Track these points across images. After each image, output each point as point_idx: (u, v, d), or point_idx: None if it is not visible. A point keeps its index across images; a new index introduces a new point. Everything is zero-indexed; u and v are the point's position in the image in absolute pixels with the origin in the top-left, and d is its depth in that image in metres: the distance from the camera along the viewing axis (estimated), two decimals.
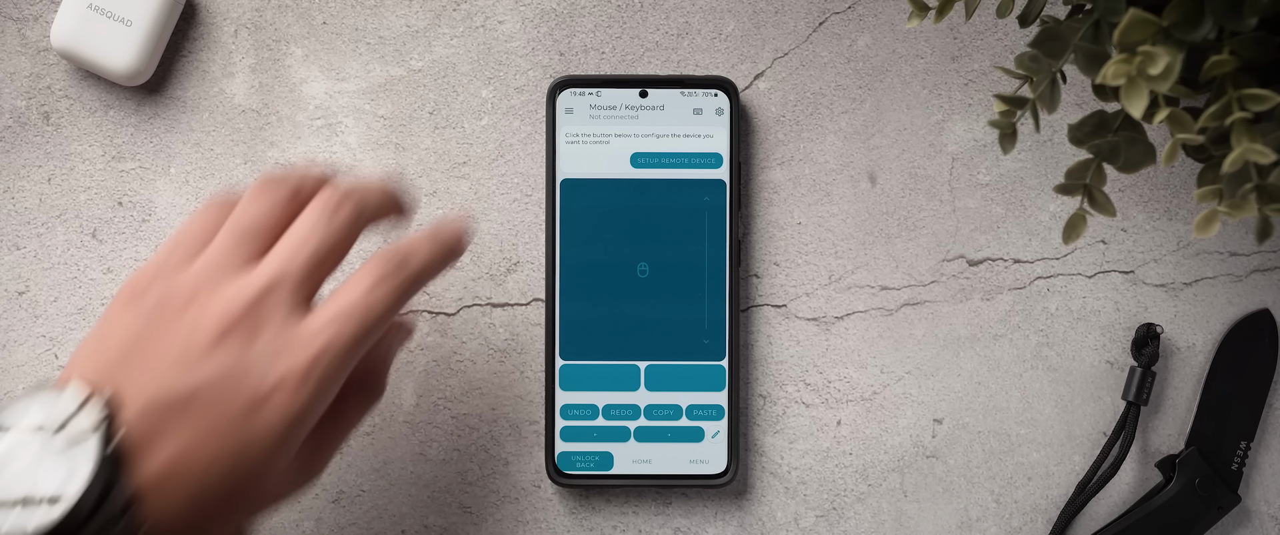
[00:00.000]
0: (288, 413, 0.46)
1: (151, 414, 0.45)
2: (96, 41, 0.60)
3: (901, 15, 0.63)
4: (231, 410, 0.45)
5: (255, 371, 0.46)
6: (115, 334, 0.47)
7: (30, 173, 0.63)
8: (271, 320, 0.46)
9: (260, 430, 0.46)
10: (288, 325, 0.46)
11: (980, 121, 0.63)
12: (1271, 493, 0.63)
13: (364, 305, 0.48)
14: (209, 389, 0.45)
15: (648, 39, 0.63)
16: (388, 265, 0.49)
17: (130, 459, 0.44)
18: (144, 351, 0.46)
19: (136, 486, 0.44)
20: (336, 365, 0.47)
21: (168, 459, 0.45)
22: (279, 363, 0.46)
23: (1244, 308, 0.63)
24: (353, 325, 0.47)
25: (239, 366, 0.46)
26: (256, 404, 0.46)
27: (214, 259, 0.48)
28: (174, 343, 0.46)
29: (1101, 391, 0.63)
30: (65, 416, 0.44)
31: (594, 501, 0.63)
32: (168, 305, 0.47)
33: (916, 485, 0.63)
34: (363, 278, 0.48)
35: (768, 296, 0.63)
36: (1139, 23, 0.42)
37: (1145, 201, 0.63)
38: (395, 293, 0.48)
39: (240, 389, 0.45)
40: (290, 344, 0.46)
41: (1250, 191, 0.43)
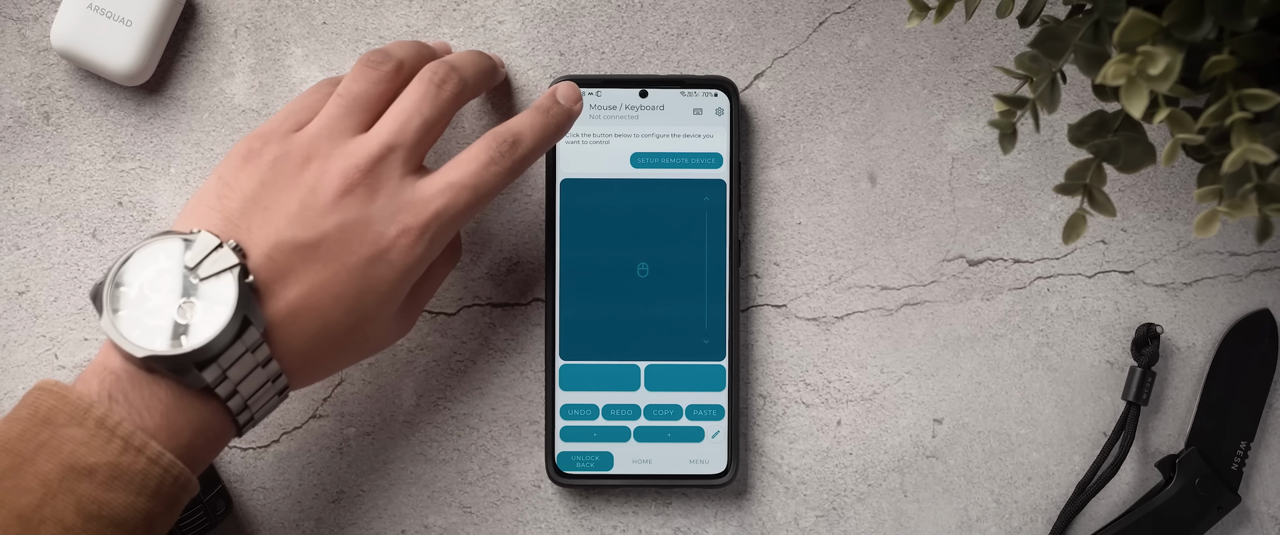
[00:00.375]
0: (405, 262, 0.52)
1: (278, 257, 0.50)
2: (96, 41, 0.60)
3: (901, 15, 0.63)
4: (356, 257, 0.51)
5: (377, 224, 0.51)
6: (235, 188, 0.51)
7: (30, 173, 0.63)
8: (389, 180, 0.52)
9: (381, 276, 0.51)
10: (404, 186, 0.52)
11: (980, 121, 0.63)
12: (1271, 493, 0.63)
13: (477, 179, 0.53)
14: (334, 237, 0.51)
15: (648, 39, 0.63)
16: (501, 145, 0.53)
17: (262, 295, 0.50)
18: (265, 203, 0.51)
19: (268, 319, 0.50)
20: (449, 226, 0.53)
21: (296, 297, 0.50)
22: (400, 218, 0.51)
23: (1244, 308, 0.63)
24: (467, 195, 0.53)
25: (362, 219, 0.51)
26: (379, 253, 0.51)
27: (326, 124, 0.53)
28: (294, 196, 0.51)
29: (1101, 391, 0.63)
30: (200, 258, 0.49)
31: (594, 501, 0.63)
32: (286, 163, 0.52)
33: (916, 485, 0.63)
34: (478, 153, 0.53)
35: (768, 296, 0.63)
36: (1139, 23, 0.42)
37: (1145, 201, 0.63)
38: (506, 171, 0.54)
39: (364, 238, 0.51)
40: (410, 202, 0.52)
41: (1250, 191, 0.43)
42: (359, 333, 0.53)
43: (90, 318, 0.62)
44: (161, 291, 0.49)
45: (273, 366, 0.50)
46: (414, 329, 0.62)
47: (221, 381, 0.49)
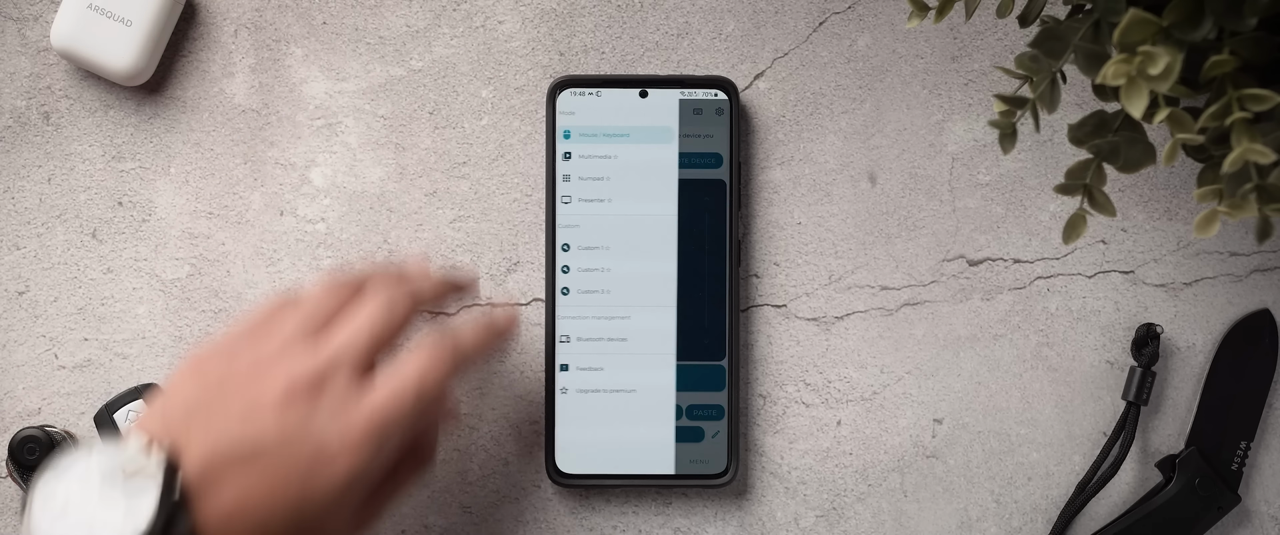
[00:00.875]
0: (349, 470, 0.50)
1: (214, 462, 0.49)
2: (96, 41, 0.60)
3: (901, 15, 0.63)
4: (297, 464, 0.50)
5: (319, 432, 0.50)
6: (178, 397, 0.51)
7: (30, 173, 0.63)
8: (334, 388, 0.51)
9: (323, 484, 0.50)
10: (349, 393, 0.51)
11: (980, 121, 0.63)
12: (1271, 493, 0.63)
13: (417, 381, 0.52)
14: (274, 444, 0.50)
15: (648, 39, 0.63)
16: (442, 348, 0.53)
17: (191, 503, 0.48)
18: (208, 410, 0.50)
19: (203, 527, 0.48)
20: (392, 430, 0.52)
21: (229, 505, 0.48)
22: (342, 425, 0.51)
23: (1244, 308, 0.63)
24: (408, 397, 0.52)
25: (304, 426, 0.50)
26: (321, 461, 0.50)
27: (279, 339, 0.52)
28: (238, 402, 0.50)
29: (1101, 391, 0.63)
30: (126, 462, 0.47)
31: (594, 501, 0.63)
32: (234, 372, 0.51)
33: (916, 485, 0.63)
34: (418, 356, 0.53)
35: (768, 296, 0.63)
36: (1139, 23, 0.42)
37: (1145, 201, 0.63)
38: (446, 372, 0.53)
39: (305, 446, 0.50)
40: (353, 410, 0.51)
41: (1250, 191, 0.43)
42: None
43: (90, 318, 0.62)
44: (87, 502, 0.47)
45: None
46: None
47: None
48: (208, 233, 0.63)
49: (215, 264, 0.63)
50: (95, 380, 0.62)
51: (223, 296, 0.62)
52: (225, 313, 0.62)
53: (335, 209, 0.63)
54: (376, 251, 0.63)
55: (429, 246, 0.63)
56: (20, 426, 0.61)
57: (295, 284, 0.63)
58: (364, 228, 0.63)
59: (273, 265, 0.63)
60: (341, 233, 0.63)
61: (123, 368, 0.62)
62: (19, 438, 0.60)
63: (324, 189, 0.63)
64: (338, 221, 0.63)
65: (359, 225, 0.63)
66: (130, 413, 0.61)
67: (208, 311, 0.62)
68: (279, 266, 0.63)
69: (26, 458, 0.60)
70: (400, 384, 0.52)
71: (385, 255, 0.63)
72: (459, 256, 0.63)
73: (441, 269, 0.60)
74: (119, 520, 0.46)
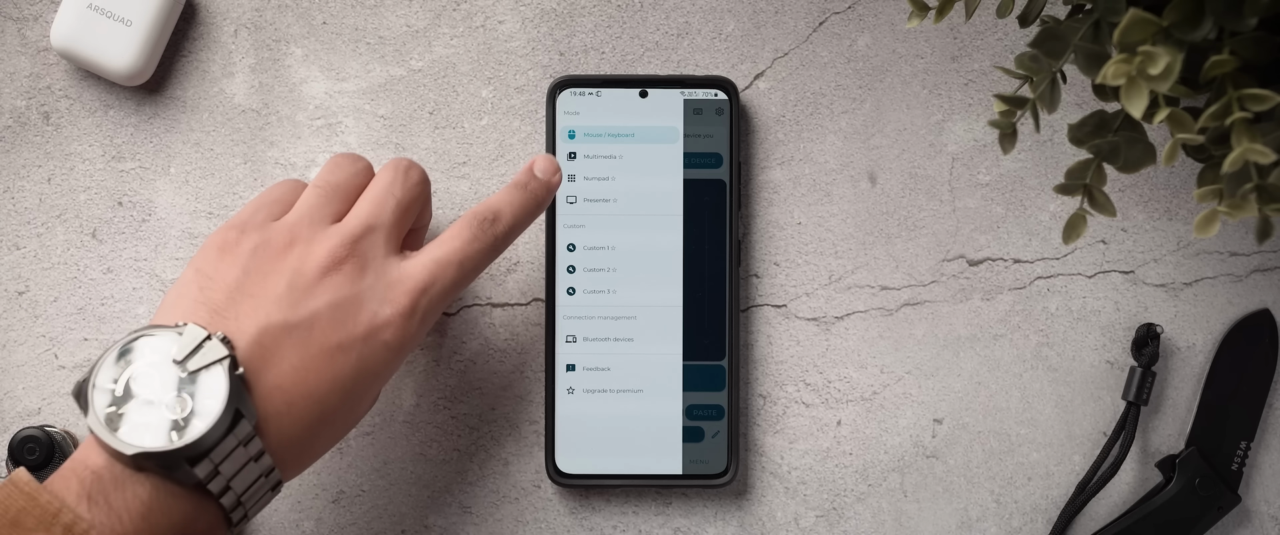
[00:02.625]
0: (399, 340, 0.51)
1: (267, 341, 0.49)
2: (96, 41, 0.60)
3: (901, 15, 0.63)
4: (349, 336, 0.50)
5: (369, 303, 0.51)
6: (216, 279, 0.51)
7: (30, 173, 0.63)
8: (374, 259, 0.52)
9: (375, 355, 0.51)
10: (389, 264, 0.52)
11: (980, 121, 0.63)
12: (1271, 493, 0.63)
13: (461, 255, 0.53)
14: (325, 316, 0.50)
15: (648, 39, 0.63)
16: (482, 222, 0.54)
17: (252, 385, 0.49)
18: (251, 290, 0.50)
19: (260, 411, 0.49)
20: (438, 302, 0.53)
21: (289, 382, 0.49)
22: (390, 295, 0.51)
23: (1244, 308, 0.63)
24: (452, 271, 0.53)
25: (352, 297, 0.51)
26: (373, 331, 0.51)
27: (306, 211, 0.53)
28: (280, 279, 0.51)
29: (1101, 391, 0.63)
30: (187, 351, 0.48)
31: (594, 501, 0.63)
32: (268, 249, 0.51)
33: (916, 485, 0.63)
34: (459, 231, 0.54)
35: (768, 296, 0.63)
36: (1139, 23, 0.42)
37: (1145, 201, 0.63)
38: (488, 247, 0.54)
39: (357, 318, 0.51)
40: (398, 279, 0.52)
41: (1250, 191, 0.43)
42: (351, 415, 0.52)
43: (90, 318, 0.62)
44: (149, 387, 0.48)
45: (266, 460, 0.49)
46: None
47: (214, 477, 0.47)
48: (208, 233, 0.63)
49: None
50: None
51: None
52: None
53: None
54: None
55: None
56: (20, 426, 0.61)
57: None
58: None
59: None
60: None
61: None
62: (19, 438, 0.60)
63: None
64: None
65: None
66: None
67: None
68: None
69: (26, 458, 0.60)
70: (445, 255, 0.53)
71: None
72: None
73: None
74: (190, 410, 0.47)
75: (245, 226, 0.52)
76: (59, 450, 0.60)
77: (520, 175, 0.56)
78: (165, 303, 0.51)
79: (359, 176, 0.55)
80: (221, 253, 0.52)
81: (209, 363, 0.48)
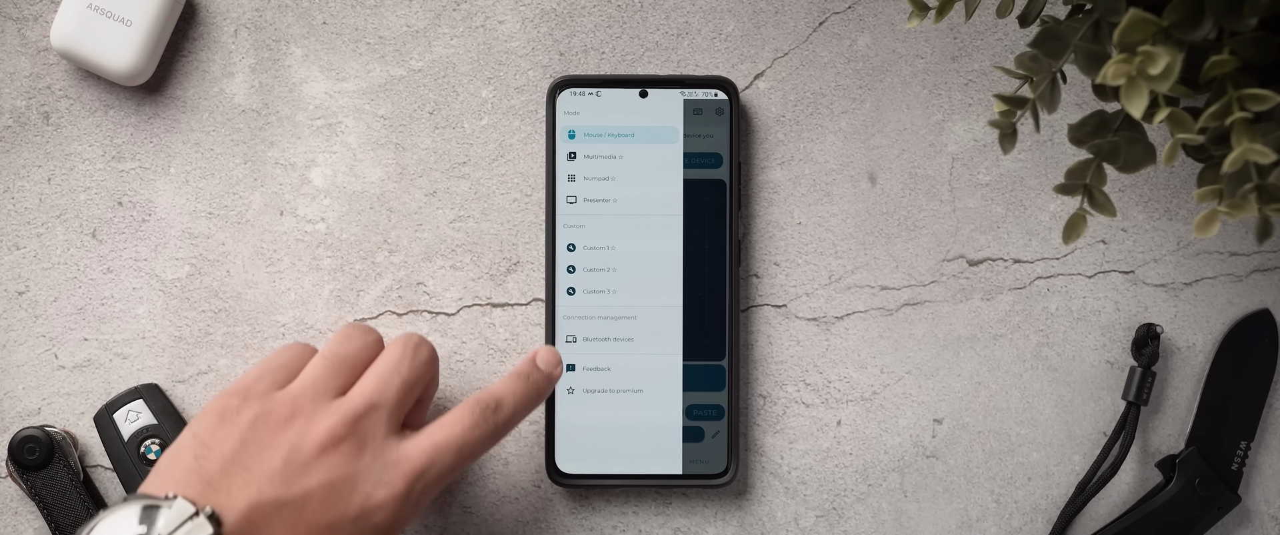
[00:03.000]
0: (391, 521, 0.51)
1: (257, 514, 0.49)
2: (96, 41, 0.60)
3: (901, 15, 0.63)
4: (342, 514, 0.50)
5: (363, 484, 0.51)
6: (214, 448, 0.50)
7: (30, 173, 0.63)
8: (373, 438, 0.52)
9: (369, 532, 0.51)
10: (388, 445, 0.52)
11: (980, 121, 0.63)
12: (1271, 493, 0.63)
13: (460, 441, 0.53)
14: (317, 496, 0.50)
15: (648, 39, 0.63)
16: (485, 410, 0.54)
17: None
18: (246, 463, 0.50)
19: None
20: (435, 486, 0.53)
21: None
22: (386, 477, 0.51)
23: (1244, 308, 0.63)
24: (450, 456, 0.53)
25: (347, 477, 0.50)
26: (367, 511, 0.50)
27: (310, 383, 0.53)
28: (277, 453, 0.50)
29: (1101, 391, 0.63)
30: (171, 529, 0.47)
31: (594, 501, 0.63)
32: (268, 420, 0.51)
33: (916, 485, 0.63)
34: (461, 416, 0.54)
35: (768, 296, 0.63)
36: (1139, 23, 0.42)
37: (1145, 201, 0.63)
38: (488, 435, 0.54)
39: (350, 498, 0.50)
40: (396, 461, 0.52)
41: (1250, 191, 0.43)
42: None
43: (90, 318, 0.62)
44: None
45: None
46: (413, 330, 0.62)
47: None
48: (208, 233, 0.63)
49: (215, 264, 0.63)
50: (95, 380, 0.62)
51: (223, 296, 0.63)
52: (225, 312, 0.62)
53: (335, 209, 0.63)
54: (376, 251, 0.63)
55: (429, 246, 0.63)
56: (20, 426, 0.61)
57: (295, 285, 0.63)
58: (364, 228, 0.63)
59: (273, 265, 0.63)
60: (341, 233, 0.63)
61: (123, 368, 0.62)
62: (19, 438, 0.60)
63: (324, 189, 0.63)
64: (338, 221, 0.63)
65: (359, 225, 0.63)
66: (130, 413, 0.61)
67: (208, 311, 0.62)
68: (279, 266, 0.63)
69: (26, 458, 0.60)
70: (445, 439, 0.53)
71: (385, 255, 0.63)
72: (459, 256, 0.63)
73: None
74: None
75: (248, 394, 0.52)
76: (59, 450, 0.60)
77: (522, 365, 0.57)
78: (161, 465, 0.51)
79: (368, 350, 0.55)
80: (221, 421, 0.51)
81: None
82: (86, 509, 0.60)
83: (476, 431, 0.54)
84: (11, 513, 0.62)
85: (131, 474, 0.61)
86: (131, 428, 0.61)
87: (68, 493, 0.60)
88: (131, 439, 0.61)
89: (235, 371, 0.62)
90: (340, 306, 0.63)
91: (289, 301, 0.63)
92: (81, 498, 0.60)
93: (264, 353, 0.62)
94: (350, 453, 0.51)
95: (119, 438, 0.61)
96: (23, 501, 0.62)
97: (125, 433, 0.61)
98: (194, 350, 0.62)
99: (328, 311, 0.62)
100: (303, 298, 0.63)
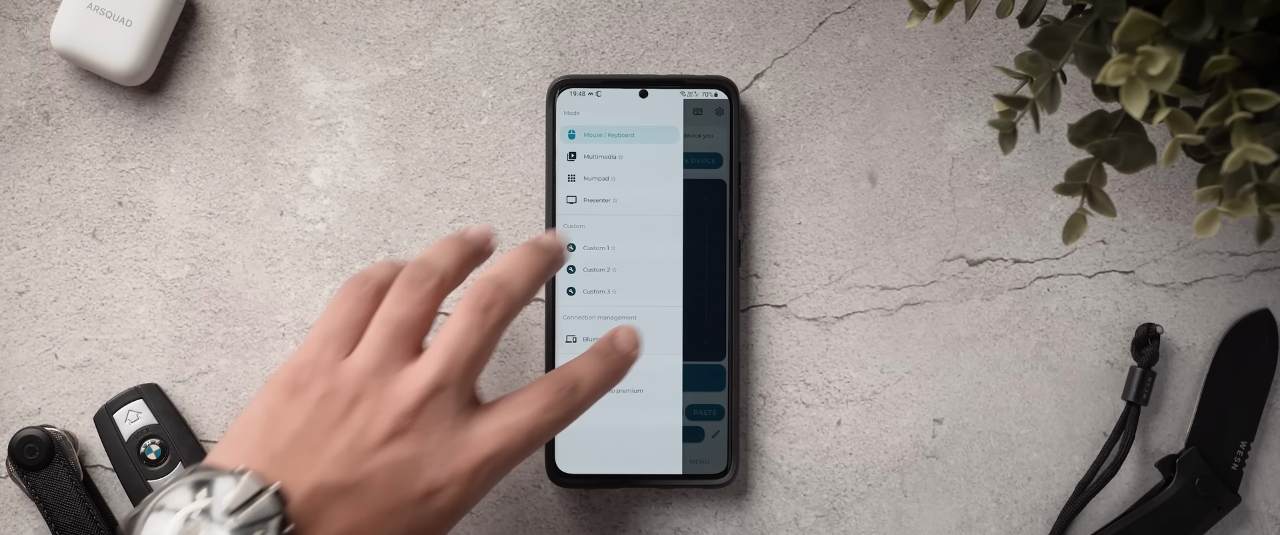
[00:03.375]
0: (454, 506, 0.50)
1: (320, 496, 0.48)
2: (96, 41, 0.60)
3: (901, 15, 0.63)
4: (402, 500, 0.49)
5: (428, 469, 0.50)
6: (282, 423, 0.50)
7: (30, 173, 0.63)
8: (441, 421, 0.50)
9: (431, 516, 0.50)
10: (457, 426, 0.50)
11: (980, 121, 0.63)
12: (1271, 493, 0.63)
13: (532, 423, 0.51)
14: (380, 481, 0.49)
15: (648, 39, 0.63)
16: (561, 391, 0.52)
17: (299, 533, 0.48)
18: (312, 443, 0.49)
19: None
20: (503, 468, 0.51)
21: None
22: (452, 462, 0.50)
23: (1244, 308, 0.63)
24: (521, 439, 0.51)
25: (412, 459, 0.50)
26: (428, 496, 0.50)
27: (372, 359, 0.51)
28: (342, 437, 0.49)
29: (1101, 391, 0.63)
30: (240, 502, 0.47)
31: (594, 501, 0.63)
32: (334, 402, 0.50)
33: (916, 485, 0.63)
34: (536, 396, 0.52)
35: (768, 296, 0.63)
36: (1139, 23, 0.42)
37: (1145, 201, 0.63)
38: (563, 417, 0.53)
39: (414, 483, 0.49)
40: (462, 444, 0.50)
41: (1250, 191, 0.43)
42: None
43: (90, 318, 0.62)
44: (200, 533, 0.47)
45: None
46: None
47: None
48: (208, 233, 0.63)
49: (215, 264, 0.63)
50: (95, 380, 0.62)
51: (223, 296, 0.63)
52: (225, 312, 0.62)
53: (335, 209, 0.63)
54: (376, 251, 0.63)
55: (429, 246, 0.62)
56: (20, 426, 0.61)
57: (295, 285, 0.63)
58: (364, 228, 0.63)
59: (273, 265, 0.63)
60: (341, 233, 0.63)
61: (123, 368, 0.62)
62: (19, 438, 0.60)
63: (324, 189, 0.63)
64: (338, 221, 0.63)
65: (359, 225, 0.63)
66: (130, 413, 0.61)
67: (208, 311, 0.62)
68: (279, 266, 0.63)
69: (26, 458, 0.60)
70: (517, 422, 0.51)
71: (385, 255, 0.63)
72: None
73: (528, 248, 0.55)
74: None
75: (315, 368, 0.51)
76: (59, 450, 0.60)
77: (602, 344, 0.55)
78: (231, 434, 0.50)
79: (427, 304, 0.52)
80: (291, 395, 0.50)
81: (261, 519, 0.47)
82: (86, 509, 0.60)
83: (550, 414, 0.52)
84: (11, 513, 0.62)
85: (131, 474, 0.61)
86: (131, 428, 0.61)
87: (68, 493, 0.60)
88: (131, 439, 0.61)
89: (235, 371, 0.62)
90: None
91: (289, 301, 0.63)
92: (81, 498, 0.60)
93: (264, 353, 0.62)
94: (416, 438, 0.50)
95: (119, 438, 0.61)
96: (23, 501, 0.62)
97: (125, 433, 0.61)
98: (194, 350, 0.63)
99: None
100: (303, 298, 0.63)
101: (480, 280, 0.52)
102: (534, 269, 0.53)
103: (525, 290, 0.53)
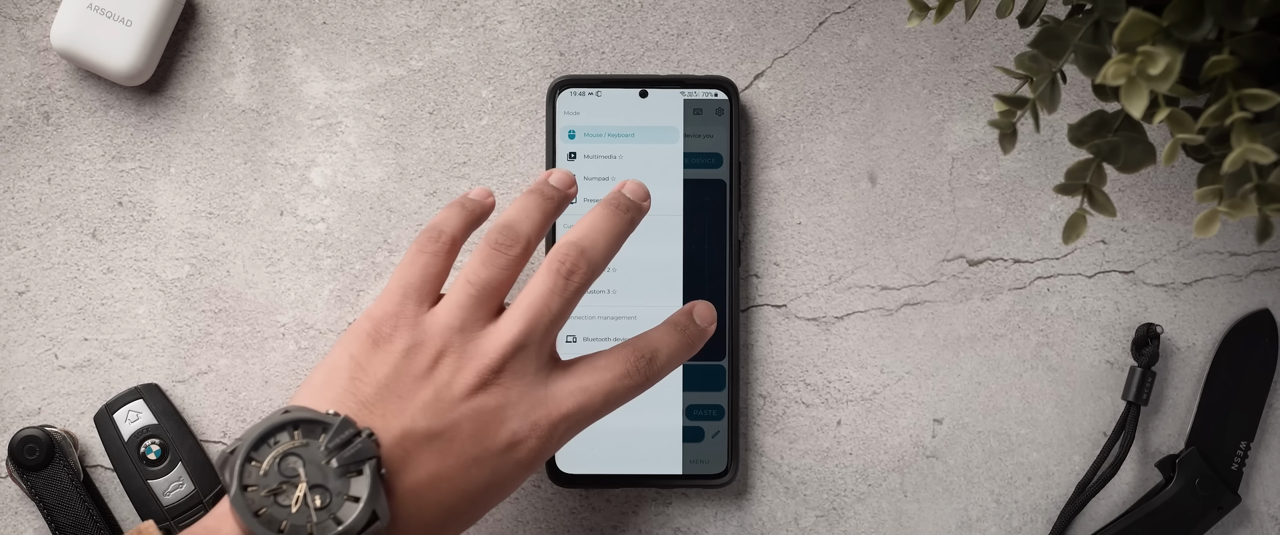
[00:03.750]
0: (531, 458, 0.52)
1: (407, 444, 0.50)
2: (96, 41, 0.60)
3: (901, 15, 0.63)
4: (485, 449, 0.51)
5: (510, 421, 0.52)
6: (369, 372, 0.51)
7: (30, 173, 0.63)
8: (523, 376, 0.52)
9: (506, 470, 0.52)
10: (537, 382, 0.52)
11: (980, 121, 0.63)
12: (1271, 493, 0.63)
13: (609, 387, 0.53)
14: (465, 430, 0.51)
15: (648, 39, 0.63)
16: (639, 360, 0.54)
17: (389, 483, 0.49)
18: (399, 391, 0.51)
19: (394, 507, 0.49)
20: (578, 426, 0.53)
21: (419, 482, 0.50)
22: (532, 415, 0.52)
23: (1244, 308, 0.63)
24: (598, 401, 0.53)
25: (495, 410, 0.51)
26: (508, 447, 0.52)
27: (457, 314, 0.52)
28: (428, 388, 0.51)
29: (1101, 391, 0.63)
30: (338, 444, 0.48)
31: (594, 501, 0.63)
32: (420, 353, 0.52)
33: (916, 485, 0.63)
34: (614, 362, 0.54)
35: (768, 296, 0.63)
36: (1139, 23, 0.42)
37: (1145, 201, 0.63)
38: (639, 385, 0.54)
39: (496, 433, 0.51)
40: (542, 400, 0.52)
41: (1250, 191, 0.43)
42: (470, 521, 0.52)
43: (90, 318, 0.62)
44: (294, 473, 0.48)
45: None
46: None
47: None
48: (208, 233, 0.63)
49: (215, 264, 0.63)
50: (95, 380, 0.62)
51: (223, 296, 0.63)
52: (225, 312, 0.62)
53: (335, 209, 0.63)
54: (376, 251, 0.63)
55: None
56: (20, 426, 0.61)
57: (295, 285, 0.62)
58: (364, 228, 0.63)
59: (273, 265, 0.63)
60: (341, 233, 0.63)
61: (123, 368, 0.62)
62: (19, 438, 0.60)
63: (324, 189, 0.63)
64: (338, 221, 0.63)
65: (359, 225, 0.63)
66: (130, 413, 0.61)
67: (208, 311, 0.62)
68: (279, 266, 0.63)
69: (26, 458, 0.60)
70: (594, 384, 0.53)
71: (385, 255, 0.63)
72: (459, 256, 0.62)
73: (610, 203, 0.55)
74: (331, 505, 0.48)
75: (398, 320, 0.52)
76: (59, 450, 0.60)
77: (679, 317, 0.56)
78: (314, 381, 0.52)
79: (512, 268, 0.53)
80: (375, 345, 0.52)
81: (359, 459, 0.48)
82: (86, 509, 0.60)
83: (627, 380, 0.54)
84: (11, 513, 0.62)
85: (131, 474, 0.61)
86: (131, 428, 0.61)
87: (68, 493, 0.60)
88: (131, 439, 0.61)
89: (235, 371, 0.62)
90: (340, 306, 0.63)
91: (289, 301, 0.63)
92: (81, 498, 0.60)
93: (264, 353, 0.62)
94: (499, 391, 0.52)
95: (119, 438, 0.61)
96: (23, 501, 0.62)
97: (125, 433, 0.61)
98: (194, 350, 0.63)
99: (328, 311, 0.62)
100: (303, 298, 0.63)
101: (563, 244, 0.54)
102: (613, 232, 0.55)
103: (606, 255, 0.54)
